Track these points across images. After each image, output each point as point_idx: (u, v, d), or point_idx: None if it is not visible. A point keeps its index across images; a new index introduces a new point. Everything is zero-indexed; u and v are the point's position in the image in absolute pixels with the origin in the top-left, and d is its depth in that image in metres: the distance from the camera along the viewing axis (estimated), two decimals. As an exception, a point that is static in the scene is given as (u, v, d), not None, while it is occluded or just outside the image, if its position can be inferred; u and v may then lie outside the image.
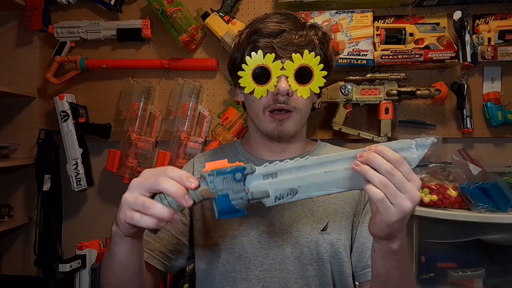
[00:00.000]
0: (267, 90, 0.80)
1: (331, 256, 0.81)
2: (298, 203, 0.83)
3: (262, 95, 0.80)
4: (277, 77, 0.79)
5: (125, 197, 0.57)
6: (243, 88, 0.83)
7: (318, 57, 0.79)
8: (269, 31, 0.80)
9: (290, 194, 0.58)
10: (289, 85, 0.79)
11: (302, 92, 0.80)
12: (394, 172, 0.56)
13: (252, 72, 0.79)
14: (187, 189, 0.56)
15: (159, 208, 0.54)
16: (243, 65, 0.80)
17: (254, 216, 0.83)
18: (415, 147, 0.58)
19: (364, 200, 0.87)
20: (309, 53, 0.79)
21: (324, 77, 0.81)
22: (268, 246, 0.81)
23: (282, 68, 0.79)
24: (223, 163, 0.57)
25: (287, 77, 0.79)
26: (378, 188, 0.56)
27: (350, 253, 0.86)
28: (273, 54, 0.78)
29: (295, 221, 0.82)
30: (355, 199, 0.86)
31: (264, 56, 0.78)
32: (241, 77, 0.80)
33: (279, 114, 0.82)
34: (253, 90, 0.80)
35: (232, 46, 0.89)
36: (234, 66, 0.86)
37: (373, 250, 0.67)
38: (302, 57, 0.78)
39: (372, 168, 0.57)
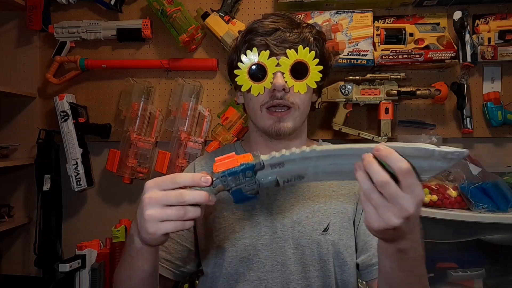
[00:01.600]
0: (264, 87, 0.80)
1: (333, 257, 0.81)
2: (299, 204, 0.84)
3: (259, 92, 0.81)
4: (273, 74, 0.79)
5: (150, 214, 0.56)
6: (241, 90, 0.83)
7: (313, 52, 0.80)
8: (263, 30, 0.81)
9: (298, 179, 0.59)
10: (285, 81, 0.79)
11: (299, 88, 0.80)
12: (387, 186, 0.50)
13: (248, 70, 0.80)
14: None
15: (194, 211, 0.57)
16: (239, 64, 0.81)
17: (255, 217, 0.83)
18: (437, 159, 0.49)
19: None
20: (304, 49, 0.79)
21: (322, 73, 0.81)
22: (270, 248, 0.81)
23: (278, 65, 0.79)
24: (231, 159, 0.58)
25: (283, 73, 0.80)
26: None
27: (356, 252, 0.86)
28: (268, 51, 0.79)
29: (297, 223, 0.82)
30: (356, 197, 0.86)
31: (259, 54, 0.79)
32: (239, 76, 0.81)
33: (277, 111, 0.82)
34: (250, 88, 0.81)
35: (230, 50, 0.90)
36: (232, 68, 0.87)
37: (378, 246, 0.64)
38: (297, 53, 0.79)
39: None
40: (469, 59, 1.36)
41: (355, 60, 1.38)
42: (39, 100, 1.58)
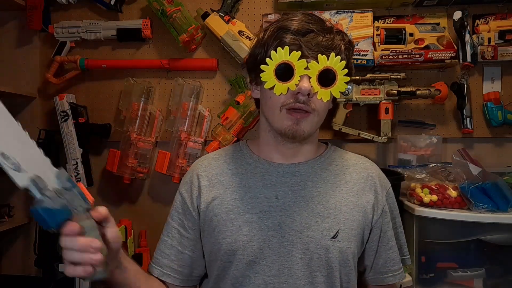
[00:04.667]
0: (288, 88, 0.78)
1: (340, 264, 0.81)
2: (309, 208, 0.82)
3: (281, 93, 0.78)
4: (300, 76, 0.77)
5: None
6: (260, 85, 0.81)
7: (344, 61, 0.78)
8: (296, 29, 0.79)
9: None
10: (311, 86, 0.77)
11: (323, 95, 0.78)
12: None
13: (275, 67, 0.78)
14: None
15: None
16: (267, 59, 0.78)
17: (264, 220, 0.82)
18: None
19: (375, 216, 0.85)
20: (335, 56, 0.77)
21: (345, 83, 0.79)
22: (277, 252, 0.80)
23: (306, 68, 0.77)
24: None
25: (310, 78, 0.77)
26: None
27: (363, 260, 0.87)
28: (299, 52, 0.77)
29: (306, 227, 0.81)
30: (366, 209, 0.85)
31: (290, 53, 0.77)
32: (261, 72, 0.78)
33: (297, 112, 0.80)
34: (274, 86, 0.78)
35: (254, 41, 0.87)
36: (255, 62, 0.83)
37: None
38: (328, 59, 0.77)
39: None
40: (469, 59, 1.36)
41: (355, 60, 1.38)
42: (39, 100, 1.58)
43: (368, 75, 1.39)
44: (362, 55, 1.38)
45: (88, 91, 1.56)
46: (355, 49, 1.37)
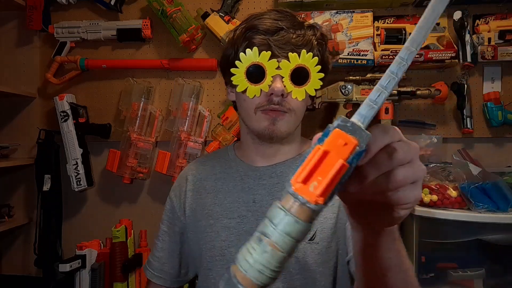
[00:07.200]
0: (261, 89, 0.75)
1: (320, 266, 0.78)
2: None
3: (255, 95, 0.76)
4: (272, 77, 0.75)
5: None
6: (235, 86, 0.79)
7: (316, 58, 0.75)
8: (265, 28, 0.76)
9: None
10: (284, 86, 0.75)
11: (297, 94, 0.76)
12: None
13: (245, 69, 0.75)
14: None
15: None
16: (237, 62, 0.75)
17: (241, 225, 0.81)
18: None
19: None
20: (307, 53, 0.74)
21: (321, 79, 0.77)
22: None
23: (278, 68, 0.75)
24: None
25: (283, 77, 0.75)
26: None
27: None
28: (269, 52, 0.74)
29: None
30: (335, 204, 0.81)
31: (259, 54, 0.74)
32: (234, 74, 0.76)
33: (273, 111, 0.78)
34: (246, 89, 0.76)
35: (226, 42, 0.85)
36: (227, 63, 0.82)
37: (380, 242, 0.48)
38: (299, 57, 0.74)
39: None
40: (469, 59, 1.36)
41: (355, 60, 1.38)
42: (39, 100, 1.58)
43: (368, 75, 1.39)
44: (362, 55, 1.38)
45: (88, 91, 1.56)
46: (355, 49, 1.38)
